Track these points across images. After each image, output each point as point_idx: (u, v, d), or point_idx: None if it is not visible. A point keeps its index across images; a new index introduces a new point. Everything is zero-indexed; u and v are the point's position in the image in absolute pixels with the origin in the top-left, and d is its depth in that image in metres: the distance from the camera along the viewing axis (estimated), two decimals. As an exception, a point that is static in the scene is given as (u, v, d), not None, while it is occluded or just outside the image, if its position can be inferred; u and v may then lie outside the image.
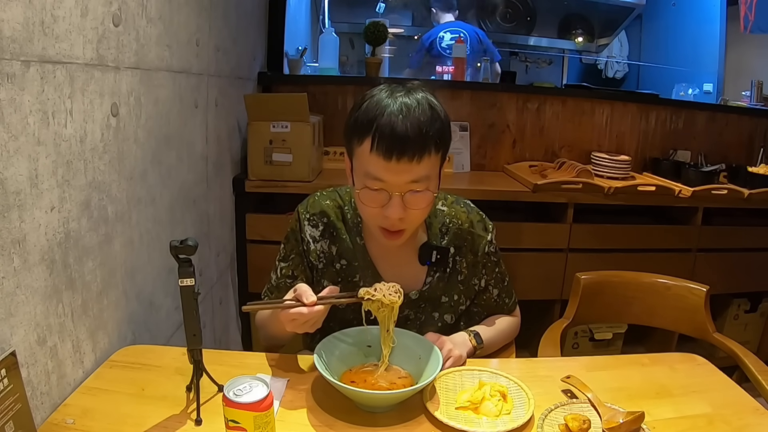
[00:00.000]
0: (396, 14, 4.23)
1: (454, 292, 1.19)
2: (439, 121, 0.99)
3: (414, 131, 0.94)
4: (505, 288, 1.26)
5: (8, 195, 0.78)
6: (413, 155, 0.95)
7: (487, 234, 1.20)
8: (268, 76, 2.42)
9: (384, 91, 0.99)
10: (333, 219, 1.15)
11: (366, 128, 0.96)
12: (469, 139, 2.56)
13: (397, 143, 0.94)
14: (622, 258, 2.23)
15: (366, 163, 0.98)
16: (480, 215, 1.22)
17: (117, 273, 1.12)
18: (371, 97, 0.99)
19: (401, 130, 0.94)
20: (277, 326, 1.03)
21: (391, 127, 0.94)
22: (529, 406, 0.91)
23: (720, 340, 1.41)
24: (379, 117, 0.95)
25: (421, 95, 0.99)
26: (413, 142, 0.94)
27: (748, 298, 2.56)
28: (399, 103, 0.96)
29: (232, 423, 0.76)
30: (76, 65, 0.93)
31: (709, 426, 0.92)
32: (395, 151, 0.94)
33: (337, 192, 1.19)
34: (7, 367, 0.73)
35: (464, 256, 1.18)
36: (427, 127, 0.96)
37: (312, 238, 1.15)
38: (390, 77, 3.14)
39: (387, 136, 0.94)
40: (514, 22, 4.44)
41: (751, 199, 2.29)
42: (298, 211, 1.18)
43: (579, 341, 2.41)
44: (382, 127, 0.94)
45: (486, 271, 1.22)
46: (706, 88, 3.79)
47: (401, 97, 0.97)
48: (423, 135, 0.95)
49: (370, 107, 0.97)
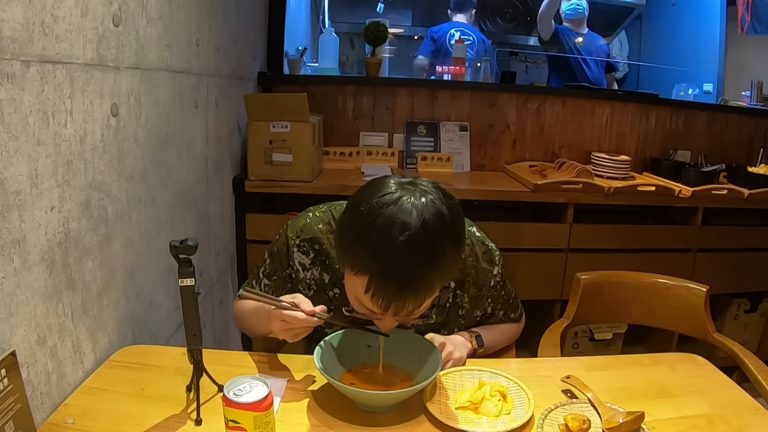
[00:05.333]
0: (396, 14, 4.22)
1: (453, 326, 1.16)
2: (451, 256, 0.86)
3: (417, 285, 0.83)
4: (511, 305, 1.24)
5: (8, 195, 0.78)
6: (414, 308, 0.86)
7: (493, 267, 1.13)
8: (268, 76, 2.42)
9: (390, 206, 0.83)
10: (326, 246, 1.07)
11: (364, 268, 0.84)
12: (469, 139, 2.56)
13: (396, 298, 0.83)
14: (622, 258, 2.23)
15: (359, 295, 0.87)
16: (485, 246, 1.13)
17: (117, 273, 1.12)
18: (372, 219, 0.83)
19: (403, 285, 0.82)
20: (260, 321, 1.03)
21: (393, 281, 0.81)
22: (529, 406, 0.91)
23: (720, 340, 1.41)
24: (379, 260, 0.81)
25: (432, 207, 0.83)
26: (414, 297, 0.84)
27: (748, 298, 2.56)
28: (404, 241, 0.80)
29: (232, 423, 0.76)
30: (76, 65, 0.93)
31: (709, 426, 0.92)
32: (392, 306, 0.84)
33: (331, 212, 1.10)
34: (7, 367, 0.73)
35: (466, 291, 1.13)
36: (433, 276, 0.83)
37: (302, 266, 1.10)
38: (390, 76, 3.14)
39: (385, 290, 0.82)
40: (514, 22, 4.44)
41: (751, 199, 2.29)
42: (287, 234, 1.10)
43: (579, 341, 2.41)
44: (381, 277, 0.82)
45: (492, 299, 1.18)
46: (706, 88, 3.78)
47: (409, 231, 0.80)
48: (427, 287, 0.84)
49: (370, 237, 0.82)
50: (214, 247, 1.81)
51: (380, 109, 2.54)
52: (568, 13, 3.46)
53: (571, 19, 3.46)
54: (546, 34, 3.41)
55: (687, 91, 3.26)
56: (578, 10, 3.43)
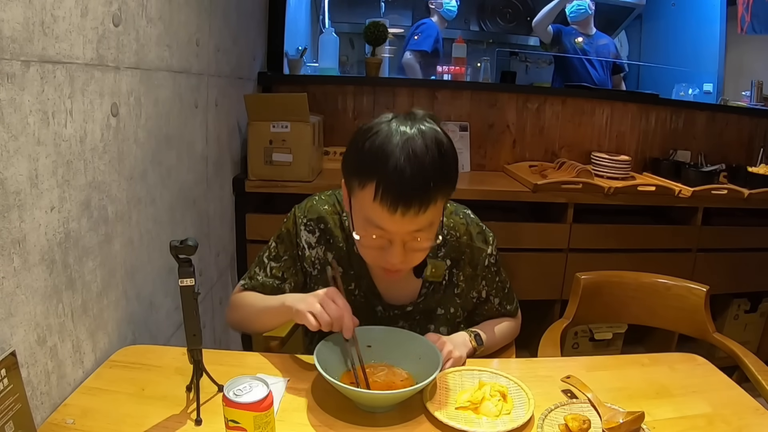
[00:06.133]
0: (396, 14, 4.22)
1: (450, 305, 1.17)
2: (447, 163, 0.92)
3: (420, 183, 0.88)
4: (506, 295, 1.24)
5: (8, 195, 0.78)
6: (419, 208, 0.89)
7: (487, 246, 1.16)
8: (268, 76, 2.42)
9: (390, 123, 0.92)
10: (330, 226, 1.12)
11: (369, 175, 0.89)
12: (469, 139, 2.56)
13: (403, 197, 0.88)
14: (622, 258, 2.23)
15: (367, 209, 0.92)
16: (480, 226, 1.17)
17: (117, 273, 1.12)
18: (375, 134, 0.91)
19: (408, 181, 0.87)
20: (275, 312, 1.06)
21: (397, 177, 0.87)
22: (529, 406, 0.91)
23: (720, 340, 1.41)
24: (384, 164, 0.88)
25: (427, 127, 0.92)
26: (420, 194, 0.88)
27: (748, 298, 2.56)
28: (406, 145, 0.88)
29: (232, 423, 0.76)
30: (76, 65, 0.93)
31: (709, 426, 0.92)
32: (400, 205, 0.88)
33: (336, 196, 1.15)
34: (7, 367, 0.73)
35: (462, 270, 1.16)
36: (434, 177, 0.89)
37: (308, 244, 1.13)
38: (390, 76, 3.15)
39: (392, 189, 0.88)
40: (514, 22, 4.44)
41: (751, 199, 2.29)
42: (294, 213, 1.15)
43: (579, 341, 2.41)
44: (387, 177, 0.88)
45: (486, 282, 1.19)
46: (706, 88, 3.78)
47: (408, 133, 0.90)
48: (430, 187, 0.89)
49: (374, 147, 0.90)
50: (214, 247, 1.81)
51: (380, 109, 2.54)
52: (572, 15, 3.45)
53: (576, 20, 3.46)
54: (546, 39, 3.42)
55: (687, 91, 3.26)
56: (580, 10, 3.42)
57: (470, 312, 1.22)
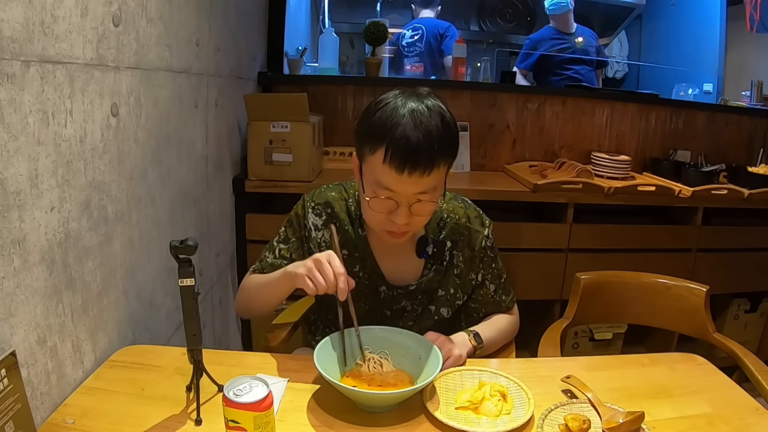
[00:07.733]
0: (396, 14, 4.22)
1: (450, 286, 1.21)
2: (449, 132, 1.01)
3: (426, 146, 0.96)
4: (502, 285, 1.26)
5: (8, 195, 0.78)
6: (424, 169, 0.97)
7: (484, 229, 1.23)
8: (268, 76, 2.41)
9: (398, 98, 1.01)
10: (337, 210, 1.18)
11: (380, 138, 0.98)
12: (469, 139, 2.56)
13: (410, 157, 0.96)
14: (622, 258, 2.23)
15: (377, 172, 1.00)
16: (477, 211, 1.25)
17: (117, 273, 1.12)
18: (386, 104, 1.00)
19: (414, 144, 0.96)
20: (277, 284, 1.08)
21: (405, 140, 0.96)
22: (529, 406, 0.91)
23: (720, 340, 1.41)
24: (394, 128, 0.97)
25: (432, 103, 1.01)
26: (425, 156, 0.97)
27: (748, 298, 2.56)
28: (413, 115, 0.98)
29: (232, 423, 0.76)
30: (76, 65, 0.93)
31: (709, 426, 0.92)
32: (407, 165, 0.96)
33: (343, 186, 1.22)
34: (7, 367, 0.73)
35: (461, 251, 1.21)
36: (438, 140, 0.98)
37: (314, 226, 1.18)
38: (390, 77, 3.14)
39: (400, 150, 0.96)
40: (514, 22, 4.43)
41: (751, 199, 2.29)
42: (303, 198, 1.22)
43: (579, 341, 2.41)
44: (397, 139, 0.96)
45: (483, 265, 1.23)
46: (706, 88, 3.79)
47: (415, 106, 0.99)
48: (434, 149, 0.97)
49: (384, 116, 0.99)
50: (214, 247, 1.81)
51: (380, 109, 2.53)
52: (551, 8, 3.35)
53: (555, 15, 3.34)
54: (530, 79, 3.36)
55: (687, 91, 3.26)
56: (561, 4, 3.30)
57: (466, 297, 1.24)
